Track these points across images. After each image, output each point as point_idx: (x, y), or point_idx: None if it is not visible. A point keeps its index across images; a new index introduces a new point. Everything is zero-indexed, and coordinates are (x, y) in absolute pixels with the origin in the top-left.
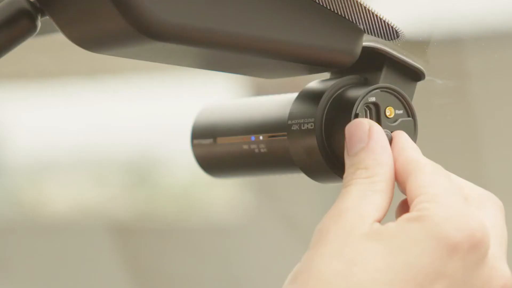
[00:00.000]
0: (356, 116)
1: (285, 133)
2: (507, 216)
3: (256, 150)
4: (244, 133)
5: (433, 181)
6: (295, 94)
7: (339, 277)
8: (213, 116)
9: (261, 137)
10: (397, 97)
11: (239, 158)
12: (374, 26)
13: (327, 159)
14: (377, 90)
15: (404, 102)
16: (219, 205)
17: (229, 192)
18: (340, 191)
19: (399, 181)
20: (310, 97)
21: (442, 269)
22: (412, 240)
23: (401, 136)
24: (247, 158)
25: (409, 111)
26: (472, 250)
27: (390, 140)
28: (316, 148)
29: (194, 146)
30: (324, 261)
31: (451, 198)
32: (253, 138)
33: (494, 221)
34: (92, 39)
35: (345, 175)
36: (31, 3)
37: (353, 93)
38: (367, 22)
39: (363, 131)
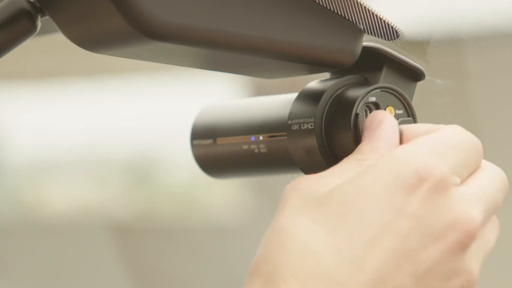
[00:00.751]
0: (356, 116)
1: (285, 133)
2: (506, 218)
3: (256, 150)
4: (244, 133)
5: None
6: (295, 94)
7: (305, 236)
8: (213, 116)
9: (261, 137)
10: (397, 97)
11: (239, 158)
12: (374, 26)
13: (327, 159)
14: (377, 90)
15: (404, 102)
16: (219, 205)
17: (229, 192)
18: None
19: None
20: (310, 97)
21: (401, 208)
22: (368, 181)
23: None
24: (247, 159)
25: (409, 111)
26: (424, 187)
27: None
28: (316, 148)
29: (194, 146)
30: (287, 220)
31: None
32: (253, 138)
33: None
34: (92, 39)
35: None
36: (31, 3)
37: (353, 93)
38: (367, 22)
39: (375, 121)
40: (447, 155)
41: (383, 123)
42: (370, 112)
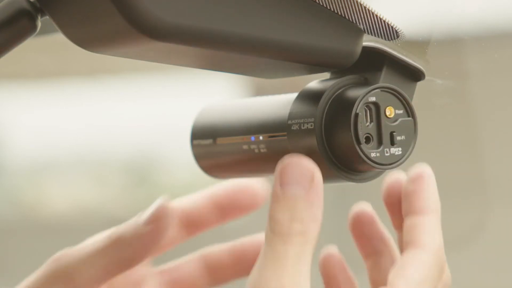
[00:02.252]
0: (356, 116)
1: (285, 133)
2: (506, 218)
3: (256, 150)
4: (244, 133)
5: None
6: (295, 94)
7: None
8: (213, 117)
9: (261, 137)
10: (397, 97)
11: (239, 158)
12: (374, 26)
13: (327, 159)
14: (377, 90)
15: (404, 102)
16: None
17: None
18: (271, 240)
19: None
20: (310, 97)
21: None
22: None
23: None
24: (247, 159)
25: (409, 111)
26: None
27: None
28: (316, 148)
29: (193, 146)
30: None
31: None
32: (253, 138)
33: None
34: (92, 39)
35: (279, 217)
36: (31, 3)
37: (353, 93)
38: (367, 22)
39: (306, 176)
40: None
41: (317, 181)
42: (370, 111)
